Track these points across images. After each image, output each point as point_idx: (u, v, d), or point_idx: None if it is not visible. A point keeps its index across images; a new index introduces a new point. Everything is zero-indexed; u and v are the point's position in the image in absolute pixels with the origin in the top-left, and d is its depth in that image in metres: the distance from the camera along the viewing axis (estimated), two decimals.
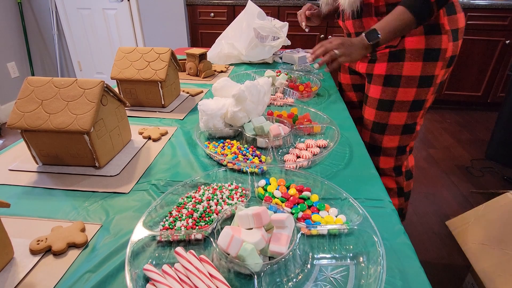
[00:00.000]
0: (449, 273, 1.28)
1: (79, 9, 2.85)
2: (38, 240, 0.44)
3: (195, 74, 1.22)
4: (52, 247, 0.43)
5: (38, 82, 0.61)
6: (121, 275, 0.41)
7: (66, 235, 0.45)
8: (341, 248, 0.44)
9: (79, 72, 3.15)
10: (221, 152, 0.67)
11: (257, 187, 0.56)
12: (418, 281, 0.40)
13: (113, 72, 0.86)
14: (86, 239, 0.46)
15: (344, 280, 0.40)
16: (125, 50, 0.89)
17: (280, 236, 0.41)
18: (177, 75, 0.98)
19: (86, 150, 0.60)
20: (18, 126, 0.58)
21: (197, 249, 0.44)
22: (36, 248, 0.43)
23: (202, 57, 1.20)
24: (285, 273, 0.41)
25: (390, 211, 0.52)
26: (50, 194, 0.56)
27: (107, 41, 2.97)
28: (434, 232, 1.48)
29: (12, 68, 2.66)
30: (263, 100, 0.76)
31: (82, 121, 0.57)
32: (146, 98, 0.90)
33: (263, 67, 1.35)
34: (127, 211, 0.52)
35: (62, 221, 0.50)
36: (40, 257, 0.43)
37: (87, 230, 0.48)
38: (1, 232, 0.41)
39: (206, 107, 0.73)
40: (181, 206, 0.51)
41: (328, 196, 0.54)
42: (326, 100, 1.00)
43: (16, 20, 2.68)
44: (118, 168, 0.63)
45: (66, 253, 0.44)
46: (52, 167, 0.63)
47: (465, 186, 1.80)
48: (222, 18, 2.64)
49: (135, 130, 0.78)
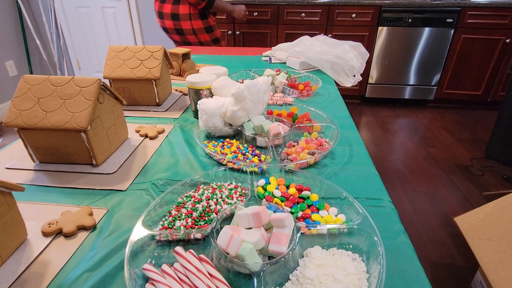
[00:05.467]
0: (449, 272, 1.28)
1: (78, 7, 2.85)
2: (49, 223, 0.48)
3: (178, 74, 1.21)
4: (63, 230, 0.47)
5: (34, 80, 0.60)
6: (120, 274, 0.41)
7: (75, 218, 0.48)
8: (341, 247, 0.44)
9: (78, 70, 3.14)
10: (220, 151, 0.67)
11: (256, 186, 0.56)
12: (417, 280, 0.40)
13: (105, 72, 0.86)
14: (94, 222, 0.49)
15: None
16: (116, 49, 0.88)
17: (280, 236, 0.41)
18: (169, 73, 0.98)
19: (83, 148, 0.60)
20: (14, 124, 0.57)
21: (197, 249, 0.44)
22: (48, 230, 0.46)
23: (185, 56, 1.19)
24: (285, 272, 0.40)
25: (390, 210, 0.52)
26: (47, 192, 0.56)
27: (106, 40, 2.97)
28: (434, 231, 1.48)
29: (10, 67, 2.65)
30: (262, 99, 0.75)
31: (79, 119, 0.56)
32: (141, 97, 0.90)
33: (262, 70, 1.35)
34: (126, 210, 0.52)
35: (70, 205, 0.53)
36: (51, 239, 0.46)
37: (95, 214, 0.51)
38: (16, 214, 0.44)
39: (206, 106, 0.72)
40: (180, 206, 0.51)
41: (328, 195, 0.54)
42: (326, 99, 1.00)
43: (14, 19, 2.67)
44: (115, 166, 0.63)
45: (76, 235, 0.47)
46: (49, 165, 0.63)
47: (465, 185, 1.80)
48: (222, 16, 2.63)
49: (132, 128, 0.77)
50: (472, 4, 2.41)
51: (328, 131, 0.76)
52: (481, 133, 2.40)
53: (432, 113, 2.75)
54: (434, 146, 2.23)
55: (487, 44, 2.52)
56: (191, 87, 0.81)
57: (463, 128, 2.48)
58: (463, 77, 2.67)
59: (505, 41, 2.47)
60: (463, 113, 2.74)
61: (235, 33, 2.70)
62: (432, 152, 2.15)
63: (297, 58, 1.30)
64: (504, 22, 2.43)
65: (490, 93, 2.69)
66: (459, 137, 2.35)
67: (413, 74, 2.71)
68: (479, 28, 2.47)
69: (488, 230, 1.00)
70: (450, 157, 2.09)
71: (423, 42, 2.58)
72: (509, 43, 2.48)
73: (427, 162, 2.03)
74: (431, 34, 2.54)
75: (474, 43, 2.52)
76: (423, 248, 1.39)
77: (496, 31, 2.46)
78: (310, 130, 0.76)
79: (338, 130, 0.72)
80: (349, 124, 0.82)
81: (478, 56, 2.57)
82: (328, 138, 0.73)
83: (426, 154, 2.12)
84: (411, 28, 2.54)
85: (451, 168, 1.97)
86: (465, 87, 2.71)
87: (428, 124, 2.56)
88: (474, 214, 1.09)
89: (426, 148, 2.20)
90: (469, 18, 2.45)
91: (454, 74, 2.67)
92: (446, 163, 2.02)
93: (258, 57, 1.49)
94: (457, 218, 1.14)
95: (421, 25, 2.51)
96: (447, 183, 1.83)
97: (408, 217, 1.57)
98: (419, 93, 2.78)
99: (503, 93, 2.60)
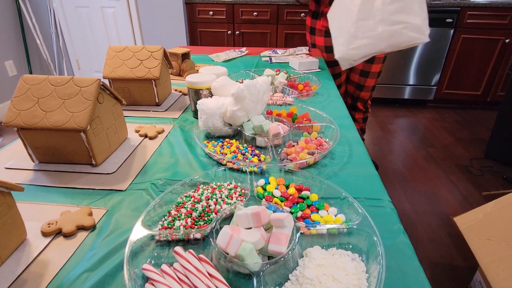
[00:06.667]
0: (449, 272, 1.28)
1: (77, 7, 2.84)
2: (49, 223, 0.48)
3: (178, 73, 1.21)
4: (63, 230, 0.47)
5: (34, 80, 0.60)
6: (119, 274, 0.40)
7: (75, 218, 0.48)
8: (340, 247, 0.44)
9: (77, 70, 3.13)
10: (220, 151, 0.67)
11: (256, 186, 0.56)
12: (417, 280, 0.40)
13: (105, 71, 0.86)
14: (93, 222, 0.49)
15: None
16: (116, 48, 0.88)
17: (280, 236, 0.41)
18: (169, 73, 0.98)
19: (83, 148, 0.60)
20: (14, 124, 0.57)
21: (196, 249, 0.44)
22: (47, 230, 0.46)
23: (184, 56, 1.19)
24: (284, 272, 0.40)
25: (389, 210, 0.52)
26: (46, 192, 0.56)
27: (106, 40, 2.96)
28: (433, 231, 1.48)
29: (10, 67, 2.64)
30: (262, 99, 0.75)
31: (78, 119, 0.56)
32: (140, 97, 0.90)
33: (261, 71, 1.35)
34: (125, 210, 0.52)
35: (70, 205, 0.52)
36: (51, 239, 0.46)
37: (94, 214, 0.51)
38: (16, 214, 0.44)
39: (205, 106, 0.72)
40: (180, 206, 0.51)
41: (328, 195, 0.54)
42: (325, 99, 1.00)
43: (13, 18, 2.66)
44: (115, 166, 0.63)
45: (76, 235, 0.47)
46: (48, 165, 0.63)
47: (464, 185, 1.81)
48: (221, 16, 2.63)
49: (131, 128, 0.77)
50: (471, 4, 2.41)
51: (327, 131, 0.76)
52: (480, 133, 2.40)
53: (432, 113, 2.75)
54: (434, 146, 2.23)
55: (486, 44, 2.52)
56: (191, 87, 0.81)
57: (463, 128, 2.48)
58: (462, 77, 2.67)
59: (505, 41, 2.47)
60: (463, 113, 2.74)
61: (235, 33, 2.70)
62: (431, 152, 2.15)
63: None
64: (504, 22, 2.43)
65: (489, 93, 2.69)
66: (458, 137, 2.35)
67: (413, 74, 2.71)
68: (479, 28, 2.47)
69: (487, 230, 1.00)
70: (450, 157, 2.09)
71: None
72: (509, 43, 2.48)
73: (427, 162, 2.03)
74: (430, 34, 2.54)
75: (474, 43, 2.52)
76: (423, 248, 1.39)
77: (496, 31, 2.47)
78: (310, 130, 0.76)
79: (337, 130, 0.72)
80: (349, 124, 0.82)
81: (477, 56, 2.57)
82: (328, 138, 0.73)
83: (426, 154, 2.12)
84: None
85: (451, 168, 1.97)
86: (464, 87, 2.71)
87: (427, 124, 2.56)
88: (473, 214, 1.09)
89: (426, 148, 2.20)
90: (468, 18, 2.45)
91: (454, 74, 2.67)
92: (445, 163, 2.02)
93: (258, 57, 1.49)
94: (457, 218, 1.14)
95: None
96: (446, 183, 1.83)
97: (407, 217, 1.57)
98: (419, 93, 2.78)
99: (503, 93, 2.60)
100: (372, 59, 1.49)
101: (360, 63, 1.41)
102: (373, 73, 1.54)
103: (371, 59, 1.49)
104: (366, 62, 1.51)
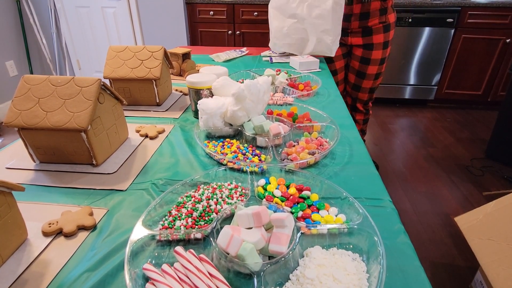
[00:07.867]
0: (449, 272, 1.28)
1: (78, 7, 2.84)
2: (50, 223, 0.48)
3: (179, 73, 1.21)
4: (63, 229, 0.47)
5: (34, 80, 0.60)
6: (120, 274, 0.40)
7: (76, 218, 0.49)
8: (341, 247, 0.44)
9: (78, 70, 3.14)
10: (220, 151, 0.67)
11: (256, 186, 0.56)
12: (418, 280, 0.40)
13: (105, 71, 0.86)
14: (94, 222, 0.49)
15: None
16: (117, 49, 0.88)
17: (280, 236, 0.41)
18: (169, 73, 0.98)
19: (83, 148, 0.60)
20: (15, 124, 0.57)
21: (197, 249, 0.44)
22: (48, 230, 0.47)
23: (185, 56, 1.19)
24: (285, 272, 0.40)
25: (390, 210, 0.52)
26: (47, 191, 0.56)
27: (106, 40, 2.96)
28: (434, 231, 1.48)
29: (10, 67, 2.64)
30: (262, 99, 0.75)
31: (79, 119, 0.56)
32: (141, 97, 0.90)
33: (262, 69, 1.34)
34: (126, 210, 0.52)
35: (70, 205, 0.53)
36: (52, 238, 0.46)
37: (95, 214, 0.51)
38: (17, 214, 0.44)
39: (206, 106, 0.72)
40: (180, 205, 0.51)
41: (328, 195, 0.54)
42: (326, 99, 1.00)
43: (14, 18, 2.66)
44: (115, 166, 0.63)
45: (76, 235, 0.47)
46: (49, 165, 0.63)
47: (465, 185, 1.80)
48: (222, 16, 2.63)
49: (132, 128, 0.77)
50: (472, 4, 2.40)
51: (328, 131, 0.76)
52: (481, 133, 2.40)
53: (432, 113, 2.75)
54: (434, 146, 2.23)
55: (487, 44, 2.51)
56: (191, 87, 0.81)
57: (463, 128, 2.48)
58: (463, 77, 2.67)
59: (505, 41, 2.47)
60: (463, 113, 2.74)
61: (235, 33, 2.70)
62: (432, 152, 2.15)
63: (298, 59, 1.30)
64: (504, 22, 2.43)
65: (490, 93, 2.68)
66: (459, 137, 2.35)
67: (413, 74, 2.71)
68: (479, 28, 2.47)
69: (488, 230, 1.00)
70: (450, 157, 2.09)
71: (423, 42, 2.58)
72: (509, 43, 2.47)
73: (427, 162, 2.03)
74: (431, 34, 2.54)
75: (474, 43, 2.52)
76: (423, 248, 1.39)
77: (496, 31, 2.46)
78: (310, 130, 0.76)
79: (338, 130, 0.72)
80: (349, 124, 0.82)
81: (478, 56, 2.57)
82: (328, 138, 0.73)
83: (426, 154, 2.12)
84: (411, 28, 2.53)
85: (451, 168, 1.97)
86: (465, 87, 2.70)
87: (428, 124, 2.55)
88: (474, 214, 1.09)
89: (426, 148, 2.19)
90: (469, 18, 2.44)
91: (454, 74, 2.66)
92: (446, 163, 2.02)
93: (259, 57, 1.49)
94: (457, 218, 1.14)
95: (421, 25, 2.51)
96: (447, 183, 1.83)
97: (408, 217, 1.57)
98: (419, 93, 2.78)
99: (503, 93, 2.60)
100: (367, 61, 1.47)
101: (356, 64, 1.53)
102: (370, 75, 1.51)
103: (367, 61, 1.47)
104: (361, 63, 1.49)
